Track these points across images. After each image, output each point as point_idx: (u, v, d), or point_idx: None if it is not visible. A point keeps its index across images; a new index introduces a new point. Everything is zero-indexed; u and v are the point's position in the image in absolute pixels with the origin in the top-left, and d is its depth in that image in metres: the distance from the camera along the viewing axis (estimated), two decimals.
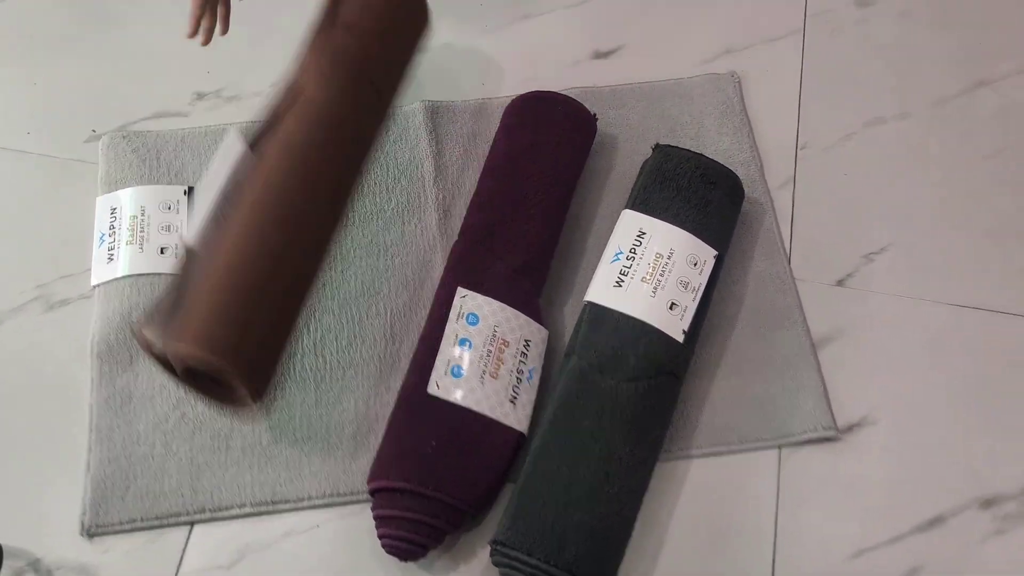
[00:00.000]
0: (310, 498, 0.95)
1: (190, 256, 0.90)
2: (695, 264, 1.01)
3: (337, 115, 0.97)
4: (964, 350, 1.04)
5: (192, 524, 0.94)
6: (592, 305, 0.99)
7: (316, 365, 1.01)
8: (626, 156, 1.17)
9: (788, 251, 1.11)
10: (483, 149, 1.16)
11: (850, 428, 1.00)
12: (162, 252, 1.07)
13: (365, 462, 0.96)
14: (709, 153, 1.13)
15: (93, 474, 0.95)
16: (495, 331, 0.97)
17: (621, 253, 1.01)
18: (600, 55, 1.26)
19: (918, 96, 1.22)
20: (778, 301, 1.07)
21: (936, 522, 0.94)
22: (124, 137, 1.15)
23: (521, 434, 0.95)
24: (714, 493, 0.96)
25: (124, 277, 1.05)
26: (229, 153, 0.95)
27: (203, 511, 0.94)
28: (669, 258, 1.00)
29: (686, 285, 1.00)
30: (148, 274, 1.06)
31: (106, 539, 0.93)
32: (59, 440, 0.98)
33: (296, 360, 1.01)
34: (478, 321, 0.98)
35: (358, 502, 0.95)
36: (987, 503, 0.96)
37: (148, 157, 1.14)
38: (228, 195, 0.93)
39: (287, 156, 0.94)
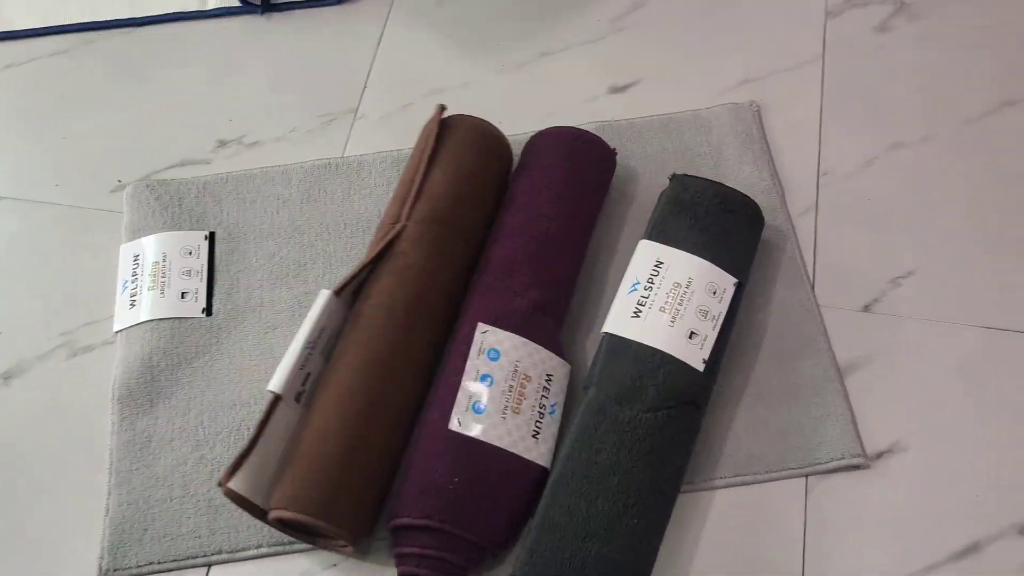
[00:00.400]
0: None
1: (278, 407, 0.92)
2: (714, 293, 0.99)
3: (434, 273, 1.01)
4: (996, 373, 1.01)
5: (209, 566, 0.93)
6: (610, 336, 0.98)
7: None
8: (645, 188, 1.16)
9: (812, 278, 1.09)
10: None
11: (879, 455, 0.97)
12: (183, 297, 1.09)
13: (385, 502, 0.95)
14: (729, 182, 1.12)
15: (112, 517, 0.95)
16: (517, 366, 0.97)
17: (639, 283, 1.00)
18: (617, 89, 1.26)
19: (941, 119, 1.20)
20: (802, 328, 1.04)
21: (972, 550, 0.91)
22: (148, 186, 1.17)
23: (544, 469, 0.94)
24: (739, 524, 0.93)
25: (145, 322, 1.07)
26: (322, 307, 0.97)
27: (220, 552, 0.93)
28: (688, 287, 0.99)
29: (706, 314, 0.98)
30: (168, 318, 1.07)
31: None
32: (79, 484, 0.98)
33: None
34: (499, 356, 0.97)
35: (375, 541, 0.94)
36: None
37: (170, 204, 1.16)
38: (323, 350, 0.97)
39: (388, 315, 0.97)
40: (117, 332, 1.08)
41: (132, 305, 1.08)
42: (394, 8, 1.35)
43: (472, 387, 0.95)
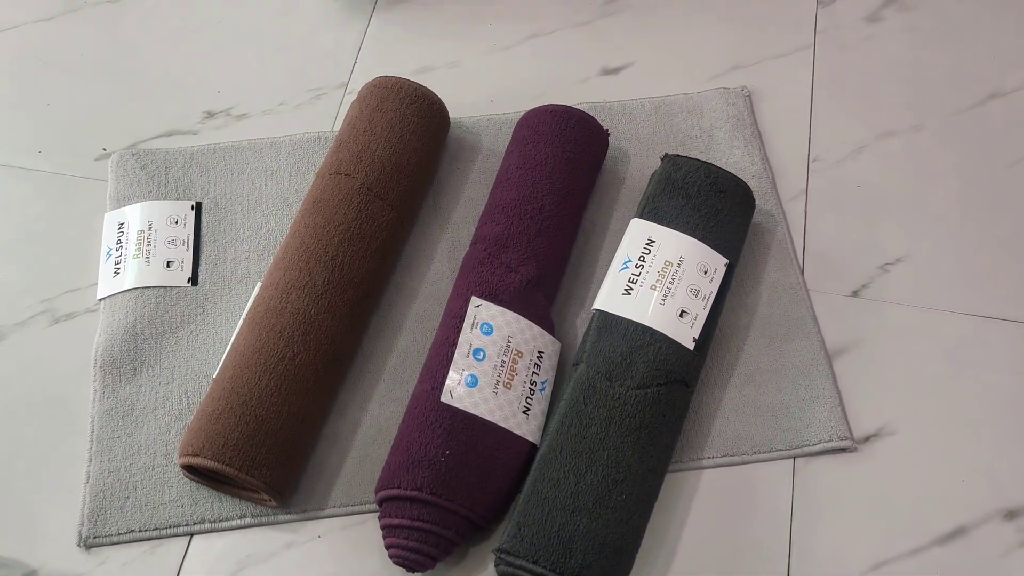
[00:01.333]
0: (312, 509, 0.93)
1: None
2: (705, 272, 0.99)
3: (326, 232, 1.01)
4: (983, 360, 1.02)
5: (191, 535, 0.92)
6: (601, 313, 0.98)
7: None
8: (637, 169, 1.16)
9: (801, 262, 1.09)
10: (492, 163, 1.16)
11: (867, 439, 0.97)
12: (168, 266, 1.07)
13: (370, 472, 0.94)
14: (720, 165, 1.12)
15: (92, 484, 0.93)
16: (509, 342, 0.96)
17: (630, 261, 1.00)
18: (609, 71, 1.26)
19: (931, 109, 1.21)
20: (791, 311, 1.05)
21: (957, 534, 0.91)
22: (134, 155, 1.16)
23: (533, 445, 0.93)
24: (727, 503, 0.93)
25: (130, 290, 1.05)
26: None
27: (202, 522, 0.92)
28: (679, 266, 0.99)
29: (696, 293, 0.98)
30: (153, 287, 1.05)
31: (104, 550, 0.91)
32: (60, 452, 0.97)
33: None
34: (492, 331, 0.96)
35: (361, 512, 0.93)
36: (1010, 515, 0.92)
37: (157, 174, 1.14)
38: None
39: (271, 272, 1.01)
40: (100, 300, 1.06)
41: (116, 273, 1.06)
42: None
43: (465, 360, 0.94)
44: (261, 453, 0.88)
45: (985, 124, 1.19)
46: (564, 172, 1.07)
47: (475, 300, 0.97)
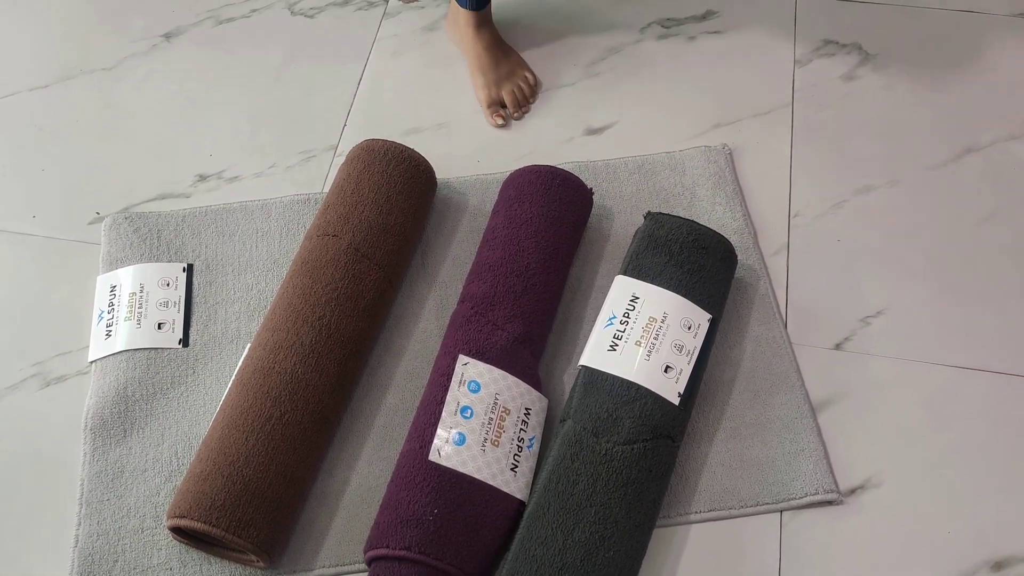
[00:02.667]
0: (301, 569, 0.93)
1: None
2: (689, 327, 1.01)
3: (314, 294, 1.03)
4: (966, 411, 1.03)
5: None
6: (586, 369, 0.99)
7: None
8: (621, 226, 1.18)
9: (784, 316, 1.11)
10: (478, 223, 1.18)
11: (853, 491, 0.98)
12: (159, 327, 1.08)
13: (359, 532, 0.94)
14: (703, 222, 1.15)
15: (81, 548, 0.93)
16: (496, 399, 0.97)
17: (615, 318, 1.02)
18: (593, 131, 1.29)
19: (906, 164, 1.24)
20: (775, 365, 1.06)
21: None
22: (126, 218, 1.18)
23: (522, 503, 0.94)
24: (715, 558, 0.94)
25: (121, 352, 1.06)
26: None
27: None
28: (663, 322, 1.00)
29: (681, 348, 0.99)
30: (144, 349, 1.06)
31: None
32: (50, 515, 0.97)
33: None
34: (480, 389, 0.97)
35: (350, 573, 0.93)
36: (997, 566, 0.93)
37: (149, 236, 1.16)
38: None
39: (260, 335, 1.02)
40: (92, 362, 1.07)
41: (108, 335, 1.08)
42: (374, 50, 1.37)
43: (453, 418, 0.95)
44: (248, 513, 0.88)
45: (960, 179, 1.22)
46: (549, 230, 1.09)
47: (462, 358, 0.99)
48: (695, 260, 1.05)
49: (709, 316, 1.02)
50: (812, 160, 1.25)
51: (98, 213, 1.21)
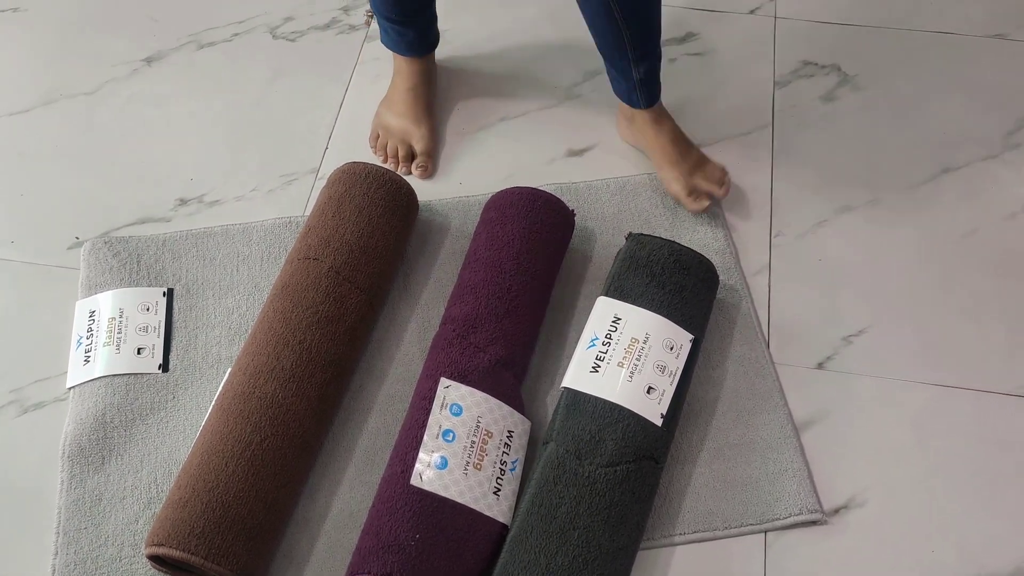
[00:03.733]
0: None
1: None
2: (671, 348, 1.01)
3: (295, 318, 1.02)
4: (949, 429, 1.03)
5: None
6: (569, 391, 0.99)
7: None
8: (603, 247, 1.18)
9: (766, 336, 1.11)
10: (461, 244, 1.18)
11: (837, 511, 0.98)
12: (139, 353, 1.07)
13: (340, 558, 0.93)
14: (684, 242, 1.15)
15: None
16: (479, 422, 0.96)
17: (597, 339, 1.01)
18: (575, 153, 1.29)
19: (886, 183, 1.25)
20: (758, 385, 1.06)
21: None
22: (106, 243, 1.17)
23: (505, 526, 0.93)
24: None
25: (100, 378, 1.05)
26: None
27: None
28: (645, 342, 1.00)
29: (663, 369, 0.99)
30: (123, 374, 1.05)
31: None
32: (26, 545, 0.96)
33: None
34: (462, 412, 0.97)
35: None
36: None
37: (129, 261, 1.15)
38: None
39: (240, 359, 1.01)
40: (70, 388, 1.06)
41: (87, 361, 1.07)
42: (356, 72, 1.37)
43: (435, 442, 0.94)
44: (228, 540, 0.87)
45: (938, 197, 1.23)
46: (531, 252, 1.09)
47: (444, 381, 0.98)
48: (677, 281, 1.05)
49: (691, 336, 1.02)
50: (793, 180, 1.25)
51: (77, 238, 1.20)
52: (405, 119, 1.26)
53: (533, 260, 1.08)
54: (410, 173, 1.25)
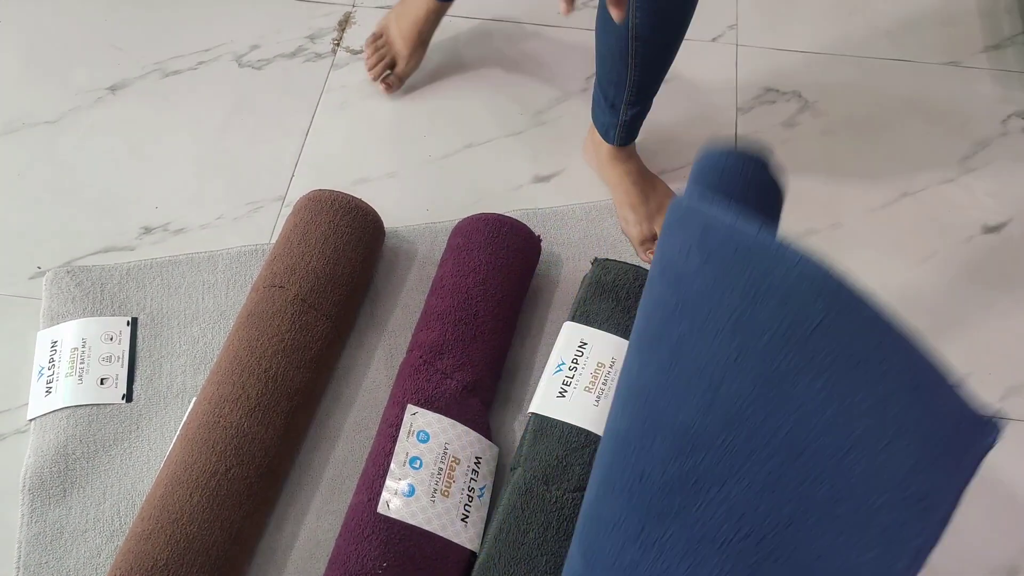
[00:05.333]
0: None
1: None
2: None
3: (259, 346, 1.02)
4: None
5: None
6: (536, 416, 0.99)
7: None
8: (569, 272, 1.19)
9: None
10: (428, 271, 1.18)
11: None
12: (102, 383, 1.06)
13: None
14: (649, 267, 1.16)
15: None
16: (446, 448, 0.96)
17: (563, 364, 1.02)
18: (541, 179, 1.30)
19: (847, 207, 1.27)
20: None
21: None
22: (68, 272, 1.16)
23: (473, 553, 0.93)
24: None
25: (61, 409, 1.04)
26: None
27: None
28: (611, 367, 1.01)
29: None
30: (86, 405, 1.04)
31: None
32: None
33: None
34: (429, 439, 0.96)
35: None
36: None
37: (92, 291, 1.14)
38: None
39: (204, 389, 1.01)
40: (31, 420, 1.04)
41: (48, 392, 1.05)
42: (322, 101, 1.38)
43: (401, 469, 0.94)
44: (192, 572, 0.86)
45: (899, 221, 1.25)
46: (497, 278, 1.09)
47: (411, 408, 0.98)
48: None
49: None
50: None
51: (39, 267, 1.19)
52: (405, 40, 1.35)
53: (499, 286, 1.09)
54: (376, 81, 1.37)
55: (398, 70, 1.36)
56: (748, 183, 0.80)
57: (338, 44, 1.44)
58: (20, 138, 1.33)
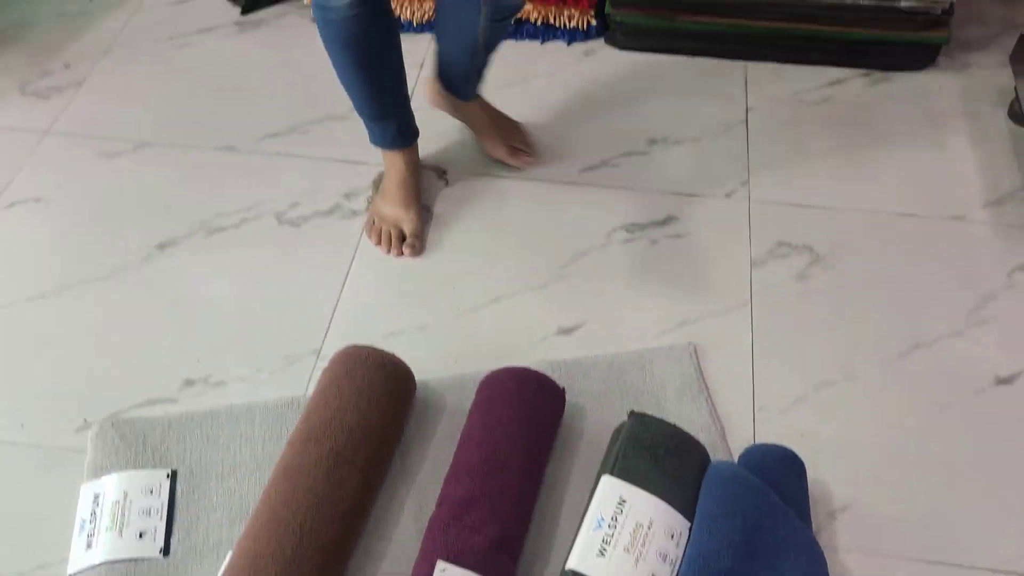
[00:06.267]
0: None
1: None
2: (672, 536, 1.03)
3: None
4: None
5: None
6: (575, 574, 1.00)
7: None
8: (593, 423, 1.23)
9: None
10: (457, 422, 1.22)
11: None
12: (140, 536, 1.09)
13: None
14: (671, 419, 1.19)
15: None
16: None
17: (603, 520, 1.04)
18: (564, 331, 1.35)
19: (861, 359, 1.31)
20: None
21: None
22: (113, 425, 1.21)
23: None
24: None
25: (100, 564, 1.07)
26: None
27: None
28: (649, 528, 1.03)
29: (665, 557, 1.02)
30: (124, 560, 1.07)
31: None
32: None
33: None
34: None
35: None
36: None
37: (135, 443, 1.19)
38: None
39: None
40: (71, 575, 1.07)
41: (88, 546, 1.09)
42: (357, 256, 1.45)
43: None
44: None
45: (912, 373, 1.29)
46: (524, 432, 1.13)
47: (440, 564, 1.00)
48: (677, 465, 1.09)
49: (689, 524, 1.05)
50: (773, 356, 1.31)
51: (86, 420, 1.24)
52: (396, 207, 1.47)
53: (526, 439, 1.13)
54: (402, 254, 1.45)
55: (408, 233, 1.45)
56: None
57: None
58: (72, 295, 1.40)
